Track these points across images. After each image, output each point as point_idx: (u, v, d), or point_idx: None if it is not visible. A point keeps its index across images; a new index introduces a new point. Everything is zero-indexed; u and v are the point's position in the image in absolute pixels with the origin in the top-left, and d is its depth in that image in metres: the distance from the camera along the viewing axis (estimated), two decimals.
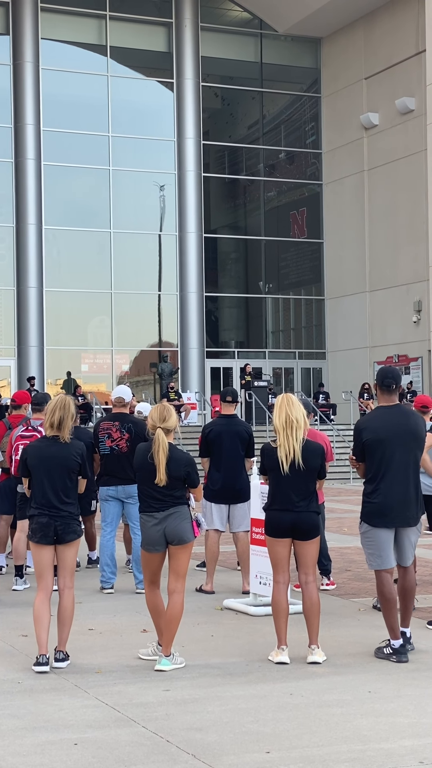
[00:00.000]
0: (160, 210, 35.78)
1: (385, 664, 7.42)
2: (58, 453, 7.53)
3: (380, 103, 34.85)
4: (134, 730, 5.89)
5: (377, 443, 7.61)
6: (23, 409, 11.85)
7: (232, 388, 11.45)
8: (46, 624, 7.37)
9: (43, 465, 7.53)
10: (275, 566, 7.68)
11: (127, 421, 10.68)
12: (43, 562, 7.52)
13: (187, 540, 7.39)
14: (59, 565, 7.59)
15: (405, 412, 7.75)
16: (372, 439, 7.62)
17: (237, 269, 38.66)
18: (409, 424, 7.67)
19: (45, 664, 7.27)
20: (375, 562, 7.71)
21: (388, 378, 7.74)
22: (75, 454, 7.57)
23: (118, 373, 35.17)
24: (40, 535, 7.46)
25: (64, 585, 7.53)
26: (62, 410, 7.57)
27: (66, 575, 7.55)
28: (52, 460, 7.52)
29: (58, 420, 7.56)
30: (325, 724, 5.96)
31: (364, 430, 7.69)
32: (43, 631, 7.34)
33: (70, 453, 7.54)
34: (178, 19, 35.47)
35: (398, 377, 7.80)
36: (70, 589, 7.54)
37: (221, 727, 5.92)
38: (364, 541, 7.80)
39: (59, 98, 34.29)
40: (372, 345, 35.39)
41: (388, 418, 7.66)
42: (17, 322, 33.28)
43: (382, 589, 7.67)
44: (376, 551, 7.67)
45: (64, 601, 7.49)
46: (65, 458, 7.52)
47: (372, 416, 7.81)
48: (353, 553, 13.13)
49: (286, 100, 38.44)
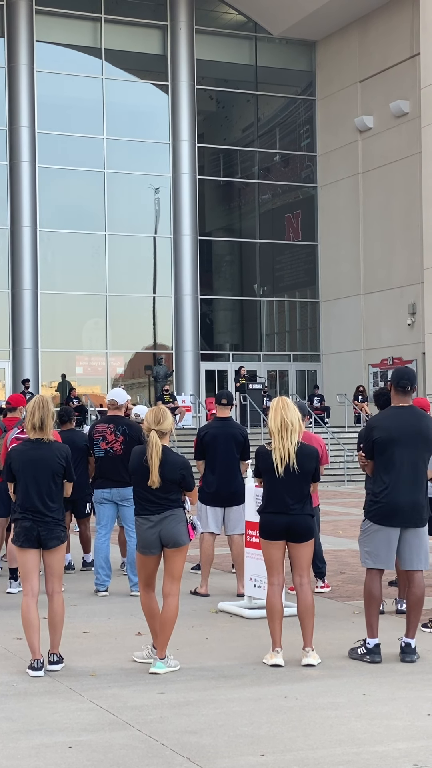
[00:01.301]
0: (155, 212, 35.79)
1: (380, 667, 7.42)
2: (42, 456, 7.48)
3: (375, 106, 34.88)
4: (129, 733, 5.89)
5: (388, 442, 7.60)
6: (18, 411, 11.85)
7: (228, 390, 11.46)
8: (36, 628, 7.36)
9: (28, 468, 7.48)
10: (269, 569, 7.68)
11: (122, 424, 10.69)
12: (27, 566, 7.47)
13: (182, 543, 7.39)
14: (46, 572, 7.55)
15: (417, 413, 7.75)
16: (383, 438, 7.61)
17: (232, 272, 38.68)
18: (421, 425, 7.66)
19: (39, 669, 7.27)
20: (369, 560, 7.69)
21: (404, 379, 7.75)
22: (59, 456, 7.51)
23: (112, 375, 35.16)
24: (23, 538, 7.43)
25: (53, 590, 7.50)
26: (41, 410, 7.52)
27: (54, 581, 7.52)
28: (37, 464, 7.46)
29: (39, 421, 7.50)
30: (319, 727, 5.96)
31: (375, 428, 7.69)
32: (34, 635, 7.33)
33: (54, 456, 7.49)
34: (173, 22, 35.49)
35: (414, 379, 7.82)
36: (59, 594, 7.52)
37: (216, 730, 5.92)
38: (362, 539, 7.77)
39: (54, 101, 34.29)
40: (366, 348, 35.41)
41: (400, 418, 7.66)
42: (12, 324, 33.26)
43: (370, 587, 7.65)
44: (374, 550, 7.65)
45: (54, 606, 7.47)
46: (49, 461, 7.47)
47: (384, 415, 7.81)
48: (348, 556, 13.14)
49: (280, 103, 38.47)
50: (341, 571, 12.00)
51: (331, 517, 18.04)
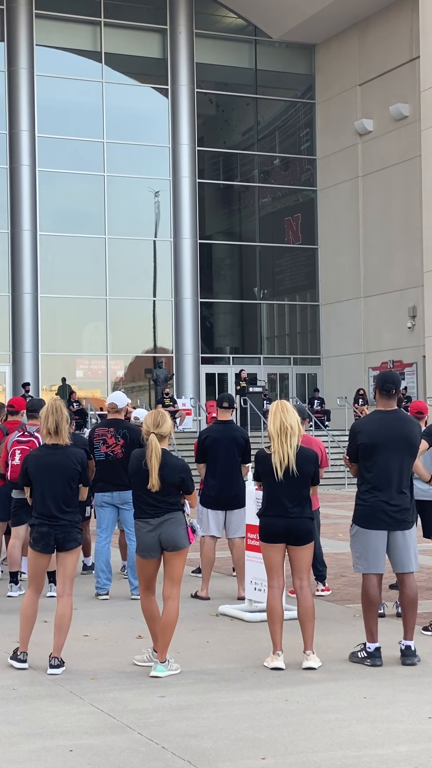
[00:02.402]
0: (155, 216, 35.80)
1: (380, 670, 7.42)
2: (58, 461, 7.53)
3: (374, 110, 34.90)
4: (130, 736, 5.88)
5: (372, 447, 7.65)
6: (20, 415, 11.86)
7: (229, 393, 11.48)
8: (32, 623, 7.47)
9: (43, 474, 7.53)
10: (270, 572, 7.68)
11: (122, 427, 10.69)
12: (38, 569, 7.59)
13: (182, 546, 7.39)
14: (59, 572, 7.60)
15: (401, 417, 7.79)
16: (366, 443, 7.66)
17: (232, 275, 38.68)
18: (404, 429, 7.71)
19: (24, 661, 7.38)
20: (362, 565, 7.71)
21: (388, 383, 7.77)
22: (75, 462, 7.57)
23: (113, 379, 35.15)
24: (42, 544, 7.49)
25: (63, 591, 7.53)
26: (55, 414, 7.58)
27: (66, 582, 7.55)
28: (52, 469, 7.52)
29: (54, 425, 7.57)
30: (320, 730, 5.96)
31: (359, 433, 7.73)
32: (27, 629, 7.46)
33: (69, 461, 7.55)
34: (173, 26, 35.51)
35: (398, 382, 7.84)
36: (69, 596, 7.54)
37: (217, 733, 5.92)
38: (353, 544, 7.80)
39: (54, 104, 34.31)
40: (366, 351, 35.41)
41: (384, 423, 7.70)
42: (12, 327, 33.26)
43: (367, 591, 7.67)
44: (364, 554, 7.68)
45: (61, 608, 7.49)
46: (65, 467, 7.53)
47: (368, 420, 7.85)
48: (348, 559, 13.11)
49: (280, 107, 38.49)
50: (341, 574, 12.00)
51: (331, 520, 18.04)
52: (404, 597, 7.74)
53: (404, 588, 7.75)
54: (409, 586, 7.73)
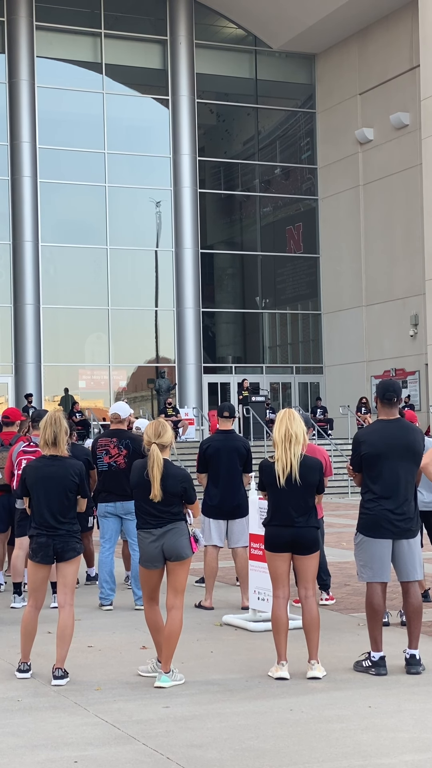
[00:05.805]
0: (157, 226, 35.85)
1: (385, 679, 7.41)
2: (56, 473, 7.54)
3: (375, 119, 34.96)
4: (134, 747, 5.87)
5: (375, 457, 7.64)
6: (15, 426, 11.87)
7: (230, 403, 11.45)
8: (32, 637, 7.50)
9: (41, 485, 7.55)
10: (275, 581, 7.67)
11: (125, 438, 10.69)
12: (38, 581, 7.59)
13: (185, 556, 7.38)
14: (59, 582, 7.60)
15: (404, 426, 7.77)
16: (370, 452, 7.65)
17: (233, 285, 38.72)
18: (407, 438, 7.70)
19: (27, 671, 7.45)
20: (366, 574, 7.70)
21: (389, 392, 7.76)
22: (72, 473, 7.58)
23: (115, 389, 35.17)
24: (41, 555, 7.50)
25: (64, 601, 7.52)
26: (54, 426, 7.60)
27: (66, 592, 7.55)
28: (49, 480, 7.54)
29: (52, 437, 7.59)
30: (325, 740, 5.94)
31: (362, 443, 7.73)
32: (28, 642, 7.50)
33: (67, 473, 7.55)
34: (173, 37, 35.61)
35: (399, 391, 7.83)
36: (71, 606, 7.53)
37: (221, 743, 5.90)
38: (357, 553, 7.79)
39: (55, 116, 34.40)
40: (369, 359, 35.42)
41: (387, 432, 7.69)
42: (14, 338, 33.31)
43: (371, 600, 7.65)
44: (368, 563, 7.67)
45: (63, 618, 7.48)
46: (62, 478, 7.53)
47: (371, 429, 7.84)
48: (352, 568, 13.11)
49: (281, 116, 38.56)
50: (346, 583, 11.97)
51: (335, 529, 18.02)
52: (409, 605, 7.72)
53: (409, 597, 7.72)
54: (413, 595, 7.71)
